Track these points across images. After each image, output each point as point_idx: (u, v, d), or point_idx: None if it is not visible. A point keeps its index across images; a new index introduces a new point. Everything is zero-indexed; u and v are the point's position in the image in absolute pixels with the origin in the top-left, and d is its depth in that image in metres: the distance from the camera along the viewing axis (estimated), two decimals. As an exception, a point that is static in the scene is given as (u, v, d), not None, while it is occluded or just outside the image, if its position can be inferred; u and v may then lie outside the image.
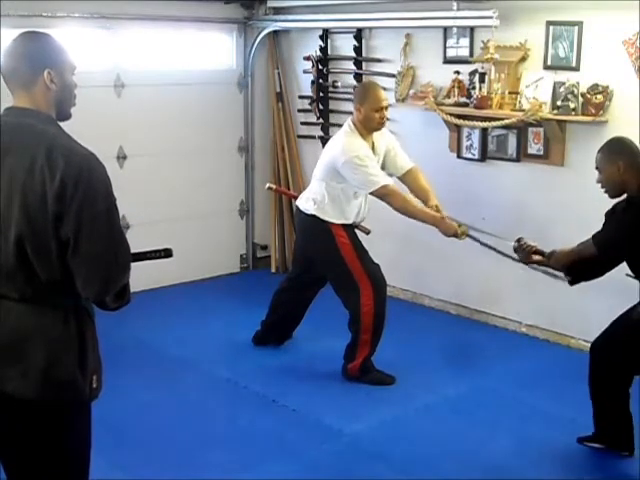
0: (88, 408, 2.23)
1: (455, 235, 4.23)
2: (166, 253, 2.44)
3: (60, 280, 2.07)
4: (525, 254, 3.79)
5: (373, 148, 4.41)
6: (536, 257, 3.79)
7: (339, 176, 4.31)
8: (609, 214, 3.60)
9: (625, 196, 3.52)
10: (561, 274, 3.77)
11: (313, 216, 4.44)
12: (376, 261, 4.47)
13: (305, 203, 4.52)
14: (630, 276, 3.57)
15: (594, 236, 3.49)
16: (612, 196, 3.55)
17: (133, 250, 2.21)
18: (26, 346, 2.09)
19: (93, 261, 2.04)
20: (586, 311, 4.46)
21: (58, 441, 2.17)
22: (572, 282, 3.75)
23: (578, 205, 4.61)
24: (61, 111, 2.18)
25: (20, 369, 2.09)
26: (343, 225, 4.42)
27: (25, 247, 2.04)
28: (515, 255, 3.91)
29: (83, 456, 2.26)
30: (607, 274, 3.64)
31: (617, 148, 3.53)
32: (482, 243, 4.22)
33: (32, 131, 2.06)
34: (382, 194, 4.26)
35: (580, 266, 3.61)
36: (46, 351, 2.09)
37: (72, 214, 2.00)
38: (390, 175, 4.55)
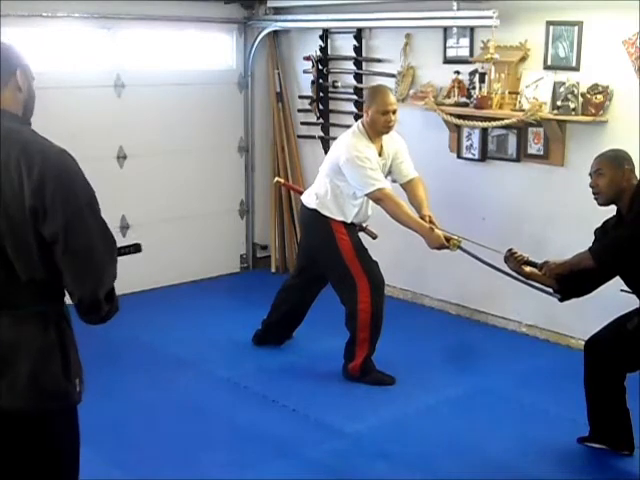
0: (75, 412, 2.24)
1: (443, 247, 4.21)
2: (135, 248, 2.42)
3: (41, 281, 2.07)
4: (515, 264, 3.76)
5: (381, 151, 4.42)
6: (527, 268, 3.75)
7: (341, 174, 4.33)
8: (600, 231, 3.60)
9: (615, 212, 3.52)
10: (549, 290, 3.75)
11: (314, 210, 4.46)
12: (376, 260, 4.48)
13: (308, 197, 4.56)
14: (626, 291, 3.57)
15: (591, 249, 3.47)
16: (602, 203, 3.50)
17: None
18: (11, 358, 2.09)
19: (83, 256, 2.04)
20: (586, 311, 4.46)
21: (50, 449, 2.17)
22: (562, 298, 3.73)
23: (578, 205, 4.61)
24: (26, 114, 2.18)
25: (7, 381, 2.09)
26: (344, 222, 4.43)
27: (4, 245, 2.03)
28: (510, 270, 3.86)
29: (74, 461, 2.27)
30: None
31: (624, 154, 3.51)
32: (475, 257, 4.19)
33: (7, 131, 2.06)
34: (377, 197, 4.27)
35: (574, 279, 3.59)
36: (31, 361, 2.09)
37: (57, 211, 1.99)
38: (394, 181, 4.57)
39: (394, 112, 4.34)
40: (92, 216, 2.06)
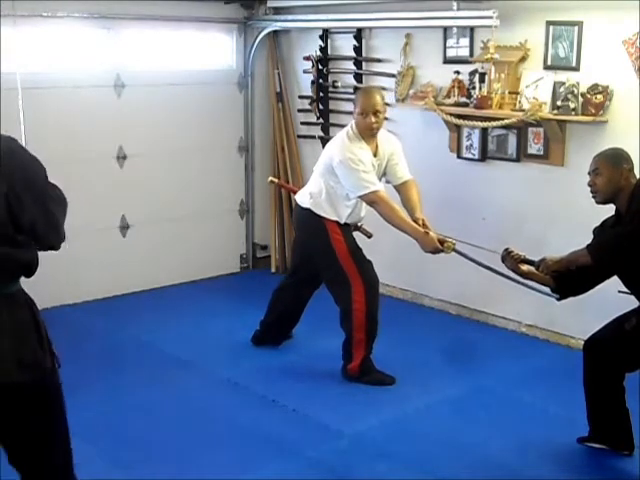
0: (55, 386, 2.32)
1: (437, 250, 4.19)
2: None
3: (18, 261, 2.15)
4: (512, 263, 3.75)
5: (376, 152, 4.41)
6: (524, 266, 3.74)
7: (335, 175, 4.32)
8: (598, 230, 3.59)
9: (614, 212, 3.52)
10: (547, 290, 3.74)
11: (308, 210, 4.46)
12: (376, 261, 4.48)
13: (302, 197, 4.55)
14: (623, 292, 3.57)
15: (588, 245, 3.47)
16: (600, 201, 3.50)
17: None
18: None
19: (52, 226, 2.21)
20: (586, 311, 4.46)
21: (36, 421, 2.25)
22: (560, 297, 3.73)
23: (578, 205, 4.61)
24: None
25: None
26: (338, 222, 4.42)
27: None
28: (505, 271, 3.85)
29: (65, 432, 2.35)
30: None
31: (622, 153, 3.51)
32: (470, 259, 4.18)
33: None
34: (371, 200, 4.26)
35: (571, 277, 3.59)
36: (12, 335, 2.17)
37: (26, 202, 2.12)
38: (387, 182, 4.56)
39: (375, 113, 4.27)
40: (50, 194, 2.22)
